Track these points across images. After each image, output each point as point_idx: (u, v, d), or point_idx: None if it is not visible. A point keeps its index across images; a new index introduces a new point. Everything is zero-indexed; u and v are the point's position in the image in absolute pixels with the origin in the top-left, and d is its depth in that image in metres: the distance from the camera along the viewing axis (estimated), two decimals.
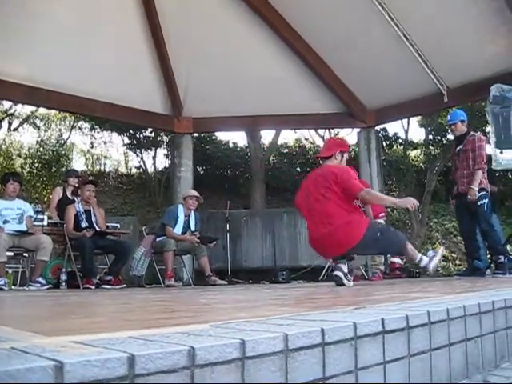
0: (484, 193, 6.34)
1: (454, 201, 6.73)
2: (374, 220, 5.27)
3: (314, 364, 1.13)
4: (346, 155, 4.97)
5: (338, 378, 1.18)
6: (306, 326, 1.17)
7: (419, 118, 15.73)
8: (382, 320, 1.33)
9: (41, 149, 15.99)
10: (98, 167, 17.82)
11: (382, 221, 7.55)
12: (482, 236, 6.54)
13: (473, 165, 6.30)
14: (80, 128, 17.42)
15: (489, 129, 8.50)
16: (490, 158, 7.98)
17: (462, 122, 6.62)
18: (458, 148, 6.55)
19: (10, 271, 7.82)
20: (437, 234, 14.87)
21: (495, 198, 8.57)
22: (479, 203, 6.25)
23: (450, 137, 15.19)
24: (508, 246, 10.74)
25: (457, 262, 13.38)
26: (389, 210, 14.44)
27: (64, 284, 6.67)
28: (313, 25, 8.95)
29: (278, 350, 1.05)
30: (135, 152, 16.29)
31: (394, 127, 20.98)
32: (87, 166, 17.75)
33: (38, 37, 8.10)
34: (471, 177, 6.30)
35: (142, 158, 16.33)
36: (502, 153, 7.63)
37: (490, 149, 7.67)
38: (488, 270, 6.74)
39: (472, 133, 6.65)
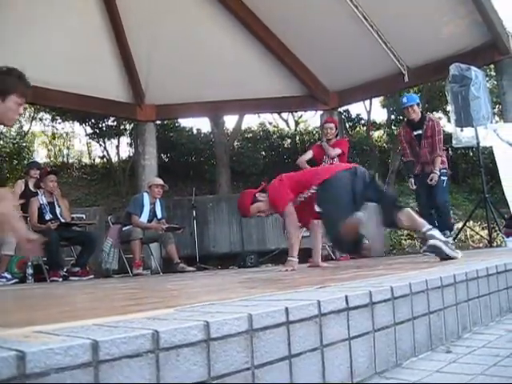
0: (444, 171, 6.57)
1: (412, 180, 6.80)
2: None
3: (279, 342, 1.14)
4: None
5: (304, 355, 1.20)
6: (271, 306, 1.19)
7: (381, 98, 15.88)
8: (346, 297, 1.35)
9: (1, 141, 15.65)
10: (60, 159, 17.52)
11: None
12: (436, 210, 6.66)
13: (435, 149, 6.48)
14: (41, 119, 17.07)
15: (449, 108, 8.61)
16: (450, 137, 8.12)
17: (418, 105, 6.73)
18: (416, 133, 6.64)
19: None
20: None
21: None
22: (442, 178, 6.46)
23: None
24: (471, 222, 10.98)
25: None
26: None
27: (30, 278, 6.59)
28: (273, 9, 8.92)
29: (242, 330, 1.06)
30: (98, 142, 16.07)
31: (356, 108, 21.16)
32: (50, 158, 17.44)
33: None
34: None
35: (105, 148, 16.14)
36: (462, 131, 7.75)
37: (450, 127, 7.79)
38: None
39: (429, 117, 6.79)
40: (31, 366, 0.77)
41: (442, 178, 6.49)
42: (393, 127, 16.08)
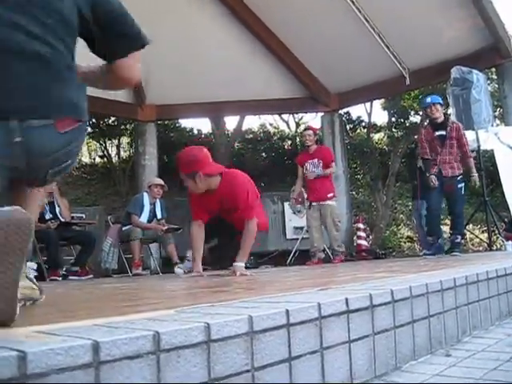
0: (461, 177, 6.55)
1: (433, 176, 6.69)
2: None
3: (279, 345, 1.14)
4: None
5: (304, 357, 1.19)
6: (271, 308, 1.19)
7: (382, 101, 15.84)
8: (346, 299, 1.35)
9: None
10: None
11: (332, 202, 7.49)
12: (453, 216, 6.71)
13: (457, 153, 6.47)
14: None
15: (450, 110, 8.63)
16: None
17: (441, 105, 6.70)
18: (439, 133, 6.58)
19: None
20: (401, 215, 15.06)
21: None
22: (459, 186, 6.47)
23: (413, 119, 15.34)
24: (471, 225, 10.99)
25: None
26: (353, 192, 14.60)
27: None
28: (275, 10, 8.91)
29: (243, 332, 1.06)
30: (98, 141, 16.05)
31: (357, 111, 21.13)
32: None
33: None
34: (453, 163, 6.46)
35: (105, 147, 16.11)
36: None
37: None
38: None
39: (452, 120, 6.80)
40: (32, 366, 0.76)
41: (459, 185, 6.49)
42: (393, 130, 16.06)
